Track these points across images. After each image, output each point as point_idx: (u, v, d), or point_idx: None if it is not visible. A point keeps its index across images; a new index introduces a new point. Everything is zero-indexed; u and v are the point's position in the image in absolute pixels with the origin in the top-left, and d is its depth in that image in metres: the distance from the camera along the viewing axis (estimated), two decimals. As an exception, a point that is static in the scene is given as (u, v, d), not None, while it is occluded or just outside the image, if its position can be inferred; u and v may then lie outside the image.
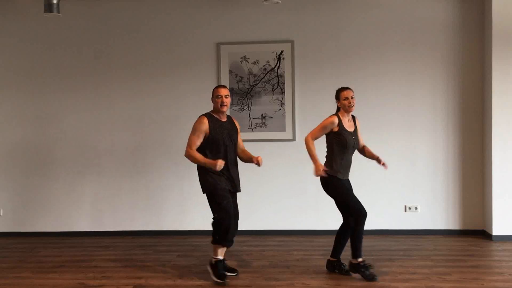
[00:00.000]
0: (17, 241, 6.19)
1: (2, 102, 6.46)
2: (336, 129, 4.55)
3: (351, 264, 4.60)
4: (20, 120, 6.44)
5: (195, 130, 4.55)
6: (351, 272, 4.61)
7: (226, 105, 4.59)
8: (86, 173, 6.42)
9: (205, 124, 4.54)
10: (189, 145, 4.54)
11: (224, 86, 4.68)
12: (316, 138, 4.63)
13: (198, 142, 4.54)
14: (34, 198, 6.46)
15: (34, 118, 6.43)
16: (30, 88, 6.43)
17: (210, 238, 4.82)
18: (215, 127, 4.56)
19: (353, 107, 4.61)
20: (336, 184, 4.58)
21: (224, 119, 4.67)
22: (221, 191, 4.51)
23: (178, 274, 4.76)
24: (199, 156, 4.50)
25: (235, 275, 4.69)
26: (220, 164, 4.39)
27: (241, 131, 6.11)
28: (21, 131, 6.44)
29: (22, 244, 6.06)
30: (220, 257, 4.59)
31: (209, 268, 4.61)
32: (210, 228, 4.86)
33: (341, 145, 4.55)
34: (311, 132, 4.64)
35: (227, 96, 4.60)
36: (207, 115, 4.62)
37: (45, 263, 5.23)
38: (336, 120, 4.56)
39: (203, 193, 4.62)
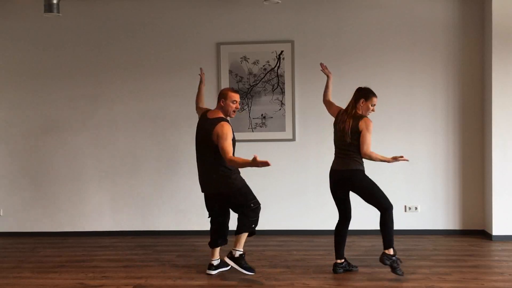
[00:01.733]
0: (17, 241, 6.19)
1: (2, 102, 6.46)
2: None
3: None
4: (20, 120, 6.44)
5: (227, 136, 4.41)
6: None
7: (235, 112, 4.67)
8: (86, 173, 6.42)
9: (231, 129, 4.54)
10: (228, 152, 4.33)
11: (238, 92, 4.74)
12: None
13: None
14: (34, 198, 6.46)
15: (34, 118, 6.43)
16: (30, 88, 6.43)
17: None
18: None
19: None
20: (364, 176, 4.66)
21: None
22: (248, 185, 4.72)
23: (178, 274, 4.77)
24: (243, 159, 4.25)
25: (228, 269, 4.79)
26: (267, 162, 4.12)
27: (241, 131, 6.16)
28: (21, 131, 6.45)
29: (22, 244, 6.06)
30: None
31: (233, 264, 4.62)
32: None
33: None
34: (366, 145, 4.54)
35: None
36: (226, 120, 4.59)
37: (45, 263, 5.24)
38: None
39: (230, 193, 4.59)
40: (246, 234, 4.64)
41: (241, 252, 4.64)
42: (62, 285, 4.51)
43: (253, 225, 4.64)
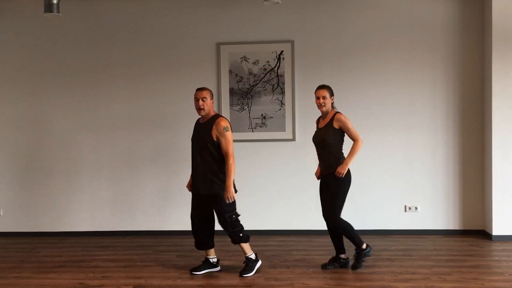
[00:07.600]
0: (17, 241, 6.19)
1: (2, 102, 6.46)
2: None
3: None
4: (20, 120, 6.44)
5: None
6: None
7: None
8: (86, 173, 6.42)
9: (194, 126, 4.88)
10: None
11: (200, 89, 4.73)
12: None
13: None
14: (34, 198, 6.46)
15: (34, 117, 6.43)
16: (30, 88, 6.43)
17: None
18: None
19: (322, 107, 4.73)
20: None
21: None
22: None
23: (178, 274, 4.77)
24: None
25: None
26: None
27: (241, 131, 6.17)
28: (20, 130, 6.44)
29: (22, 244, 6.06)
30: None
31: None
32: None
33: None
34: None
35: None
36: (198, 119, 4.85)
37: (45, 263, 5.24)
38: (317, 120, 4.95)
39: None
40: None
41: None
42: (62, 285, 4.51)
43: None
